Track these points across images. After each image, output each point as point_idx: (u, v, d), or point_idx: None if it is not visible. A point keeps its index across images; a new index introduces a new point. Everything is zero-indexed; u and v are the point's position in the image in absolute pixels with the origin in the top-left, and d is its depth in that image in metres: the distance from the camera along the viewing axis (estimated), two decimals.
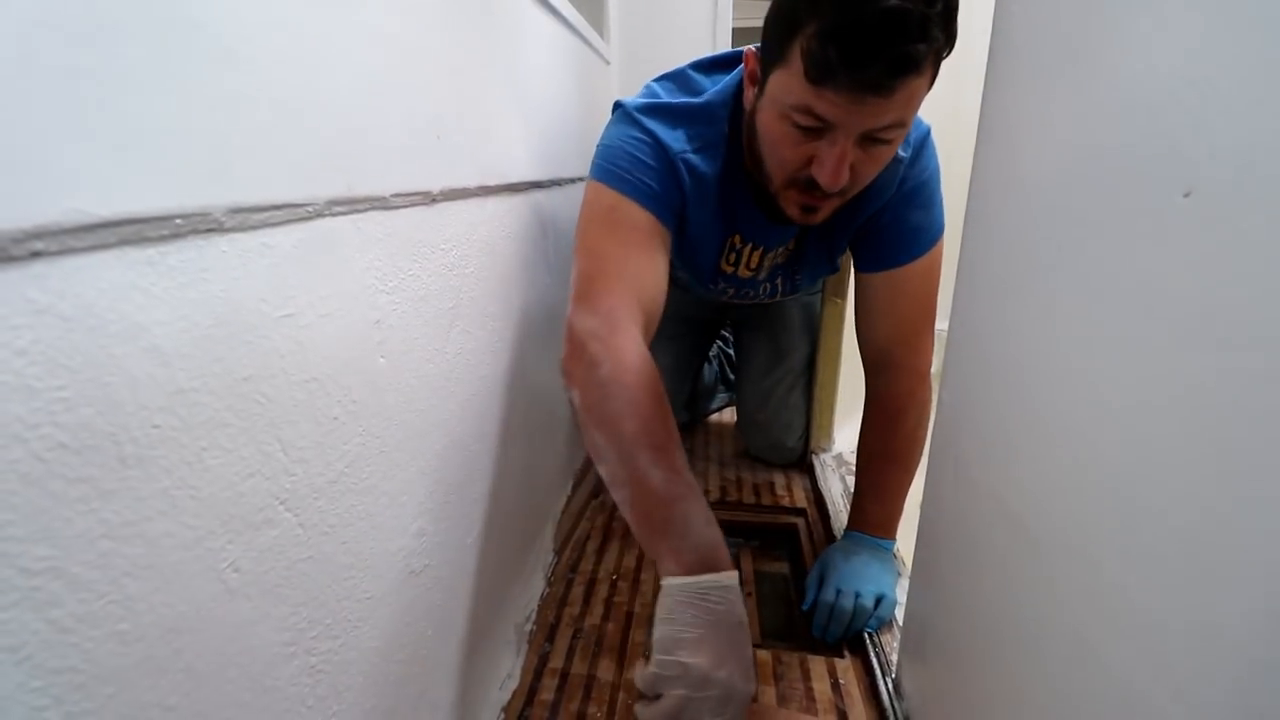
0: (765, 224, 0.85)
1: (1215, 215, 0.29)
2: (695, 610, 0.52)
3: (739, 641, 0.52)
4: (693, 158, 0.76)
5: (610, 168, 0.75)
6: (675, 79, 0.83)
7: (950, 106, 1.10)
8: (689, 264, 0.93)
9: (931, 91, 0.63)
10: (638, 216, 0.72)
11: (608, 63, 1.53)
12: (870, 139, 0.64)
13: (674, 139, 0.75)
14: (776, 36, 0.63)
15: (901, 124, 0.64)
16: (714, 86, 0.79)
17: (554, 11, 0.96)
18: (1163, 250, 0.32)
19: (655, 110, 0.77)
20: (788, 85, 0.63)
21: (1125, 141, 0.36)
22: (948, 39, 0.59)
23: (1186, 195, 0.31)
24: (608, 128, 0.81)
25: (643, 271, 0.71)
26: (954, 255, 0.61)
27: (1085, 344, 0.39)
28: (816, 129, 0.64)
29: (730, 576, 0.54)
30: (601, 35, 1.51)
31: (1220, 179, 0.29)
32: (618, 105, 0.81)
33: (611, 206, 0.73)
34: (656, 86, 0.82)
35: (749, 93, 0.72)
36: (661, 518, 0.57)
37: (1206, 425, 0.30)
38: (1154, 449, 0.33)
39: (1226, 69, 0.29)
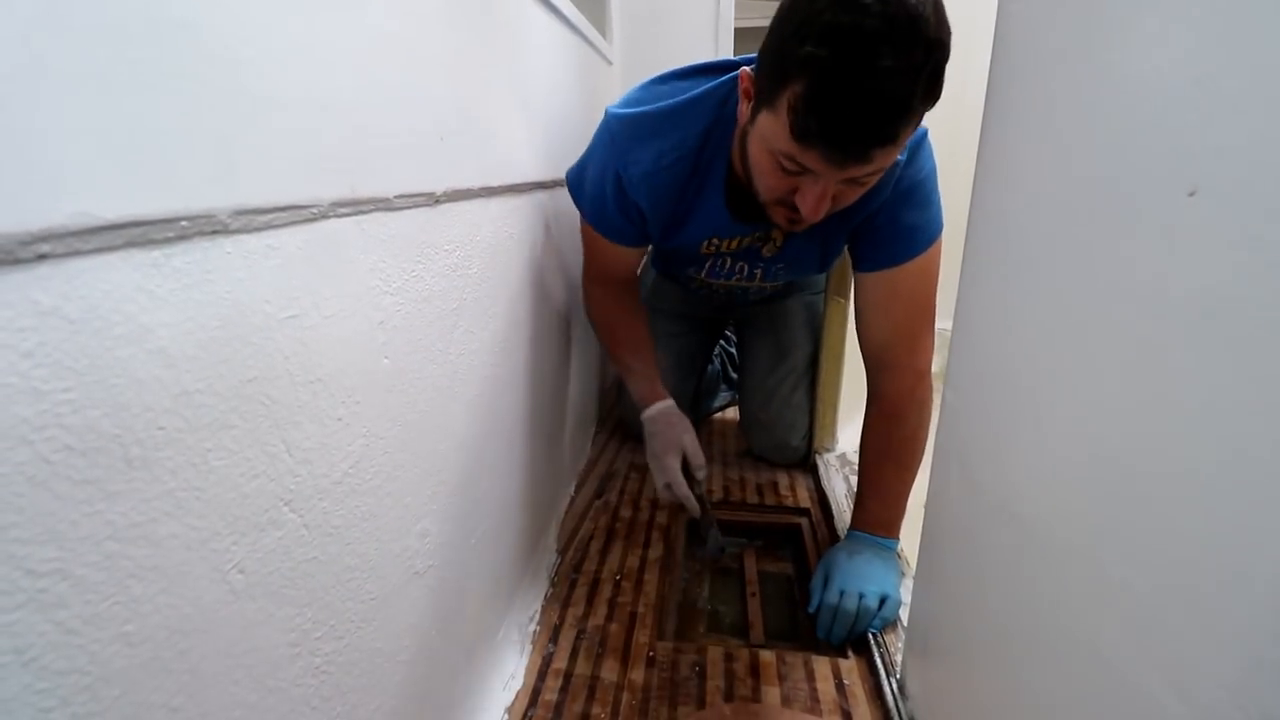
0: (738, 227, 0.89)
1: (1220, 214, 0.29)
2: (645, 434, 0.96)
3: (652, 438, 0.94)
4: (662, 176, 0.83)
5: (583, 193, 0.92)
6: (667, 80, 0.86)
7: (953, 105, 1.10)
8: (670, 257, 1.05)
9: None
10: (598, 240, 0.95)
11: (610, 63, 1.53)
12: (852, 179, 0.67)
13: (639, 160, 0.83)
14: (767, 78, 0.65)
15: (885, 167, 0.67)
16: (697, 91, 0.82)
17: (556, 12, 0.96)
18: (1167, 249, 0.32)
19: (632, 125, 0.83)
20: (775, 131, 0.65)
21: (1129, 140, 0.35)
22: (931, 102, 0.61)
23: (1191, 194, 0.31)
24: (593, 138, 0.90)
25: (606, 264, 1.00)
26: (958, 254, 0.61)
27: (1089, 343, 0.39)
28: (800, 171, 0.67)
29: (651, 409, 0.96)
30: (604, 35, 1.51)
31: (1225, 177, 0.29)
32: (606, 113, 0.86)
33: (585, 222, 0.95)
34: (641, 93, 0.86)
35: (744, 107, 0.74)
36: (626, 387, 1.03)
37: (1212, 424, 0.29)
38: (1159, 448, 0.33)
39: (1231, 66, 0.29)
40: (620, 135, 0.83)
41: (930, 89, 0.59)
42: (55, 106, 0.23)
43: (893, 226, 0.84)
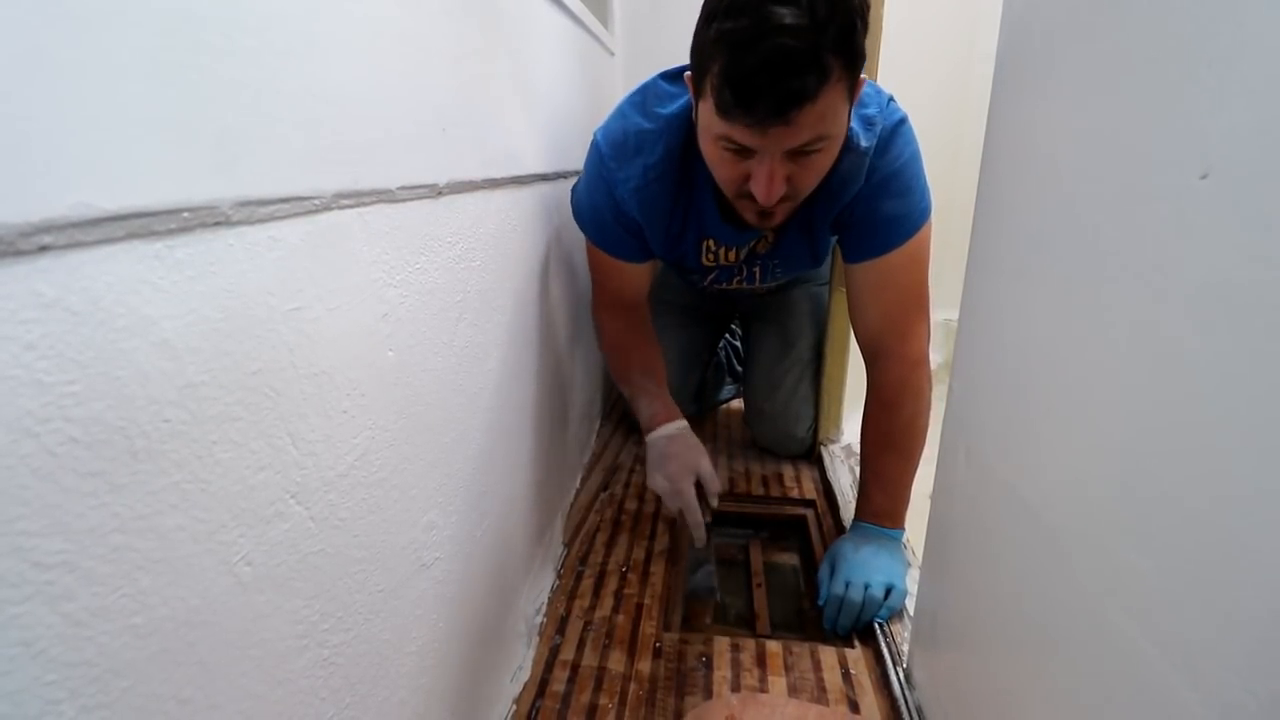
0: (730, 230, 0.90)
1: (1233, 197, 0.29)
2: (648, 453, 0.92)
3: (665, 460, 0.89)
4: (651, 189, 0.86)
5: (584, 217, 0.95)
6: (645, 93, 0.88)
7: (957, 90, 1.09)
8: (675, 266, 1.05)
9: (939, 75, 0.63)
10: (604, 258, 0.96)
11: (612, 54, 1.52)
12: (798, 153, 0.68)
13: (628, 177, 0.85)
14: (696, 71, 0.69)
15: (824, 136, 0.67)
16: (674, 104, 0.83)
17: (558, 3, 0.95)
18: (1179, 233, 0.32)
19: (617, 145, 0.86)
20: (709, 117, 0.68)
21: (1139, 122, 0.35)
22: (847, 56, 0.62)
23: (1203, 177, 0.30)
24: (585, 163, 0.93)
25: (616, 287, 1.01)
26: (964, 243, 0.61)
27: (1099, 330, 0.39)
28: (743, 150, 0.68)
29: (658, 431, 0.92)
30: (606, 26, 1.50)
31: (1238, 160, 0.29)
32: (594, 138, 0.90)
33: (591, 245, 0.97)
34: (626, 107, 0.88)
35: (694, 113, 0.75)
36: (634, 410, 0.99)
37: (1223, 410, 0.29)
38: (1169, 434, 0.33)
39: (1244, 45, 0.28)
40: (609, 156, 0.86)
41: (842, 44, 0.60)
42: (55, 96, 0.23)
43: (873, 218, 0.84)
